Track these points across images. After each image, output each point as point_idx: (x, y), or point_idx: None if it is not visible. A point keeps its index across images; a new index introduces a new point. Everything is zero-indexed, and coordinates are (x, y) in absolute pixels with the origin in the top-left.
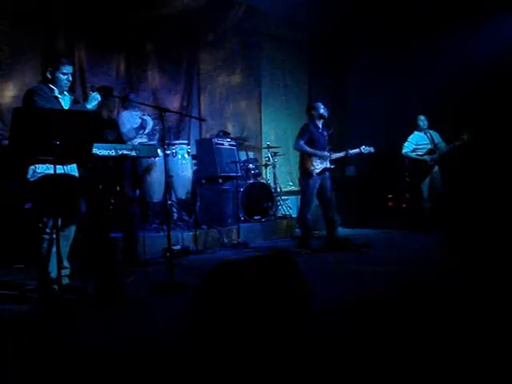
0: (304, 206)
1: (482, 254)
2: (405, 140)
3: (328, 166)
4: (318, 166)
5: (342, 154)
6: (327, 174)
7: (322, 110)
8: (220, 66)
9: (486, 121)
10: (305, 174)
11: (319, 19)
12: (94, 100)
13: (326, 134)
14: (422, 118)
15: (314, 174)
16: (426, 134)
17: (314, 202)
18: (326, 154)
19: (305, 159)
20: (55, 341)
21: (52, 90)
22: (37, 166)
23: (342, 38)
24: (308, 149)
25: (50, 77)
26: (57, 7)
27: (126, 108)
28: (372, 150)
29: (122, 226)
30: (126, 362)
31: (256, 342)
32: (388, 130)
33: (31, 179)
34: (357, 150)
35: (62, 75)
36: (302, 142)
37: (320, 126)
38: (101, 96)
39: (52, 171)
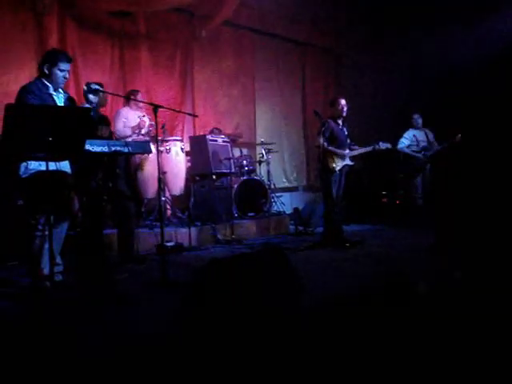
0: (328, 204)
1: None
2: (399, 136)
3: (349, 162)
4: (339, 163)
5: (367, 149)
6: (344, 171)
7: (339, 107)
8: (214, 62)
9: (479, 120)
10: (326, 170)
11: (314, 16)
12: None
13: (345, 130)
14: (416, 116)
15: (336, 171)
16: (421, 131)
17: (334, 197)
18: (345, 152)
19: (326, 156)
20: (49, 339)
21: (47, 86)
22: (29, 162)
23: (337, 35)
24: (329, 148)
25: (46, 72)
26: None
27: (130, 106)
28: (389, 145)
29: (115, 222)
30: (121, 360)
31: (249, 337)
32: (381, 126)
33: (23, 176)
34: (371, 148)
35: (59, 72)
36: (321, 140)
37: (340, 122)
38: (92, 92)
39: (44, 168)
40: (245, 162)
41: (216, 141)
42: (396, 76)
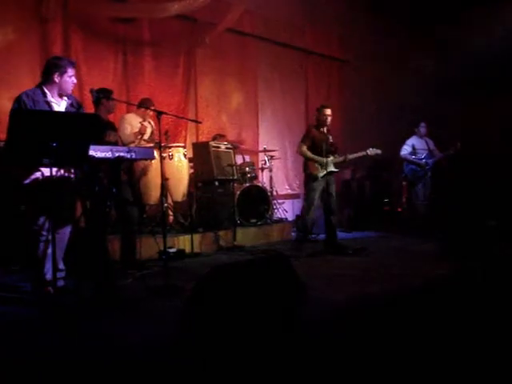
0: (305, 207)
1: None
2: (401, 143)
3: (333, 169)
4: (321, 169)
5: (360, 154)
6: (331, 178)
7: (323, 117)
8: (217, 69)
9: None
10: (309, 177)
11: (317, 23)
12: None
13: (330, 138)
14: (423, 124)
15: (319, 178)
16: (421, 139)
17: (314, 204)
18: (326, 160)
19: (309, 163)
20: (52, 344)
21: (45, 94)
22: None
23: (340, 43)
24: (309, 154)
25: (56, 80)
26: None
27: (136, 113)
28: (379, 151)
29: (119, 228)
30: (124, 365)
31: (251, 344)
32: (384, 133)
33: (26, 181)
34: (362, 153)
35: (68, 78)
36: (304, 148)
37: (324, 130)
38: (101, 98)
39: (48, 173)
40: (247, 168)
41: (219, 147)
42: (399, 83)
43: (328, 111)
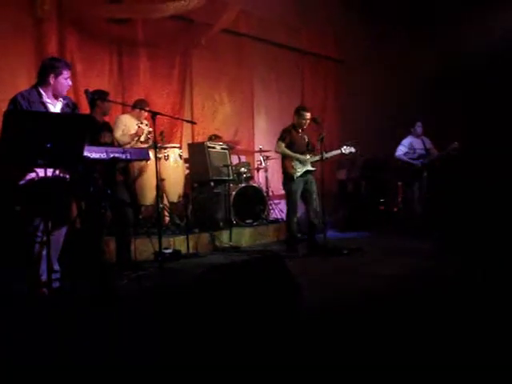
0: (289, 211)
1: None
2: (397, 144)
3: (309, 168)
4: (298, 169)
5: (335, 152)
6: (310, 177)
7: (303, 121)
8: (213, 69)
9: (478, 128)
10: (287, 177)
11: (313, 24)
12: None
13: (306, 138)
14: (419, 124)
15: (295, 178)
16: (418, 139)
17: (299, 205)
18: (306, 157)
19: (286, 163)
20: (47, 346)
21: (41, 95)
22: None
23: (336, 43)
24: (289, 152)
25: (51, 82)
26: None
27: (132, 114)
28: (353, 149)
29: (114, 229)
30: (120, 366)
31: (247, 344)
32: (381, 133)
33: (22, 182)
34: (337, 151)
35: (64, 80)
36: (283, 145)
37: (300, 130)
38: (96, 100)
39: (42, 174)
40: (243, 169)
41: (214, 148)
42: (396, 83)
43: (308, 115)
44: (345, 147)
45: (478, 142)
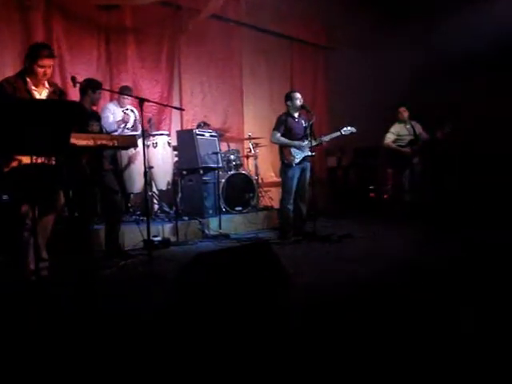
0: (284, 197)
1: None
2: (386, 131)
3: (308, 153)
4: (297, 155)
5: (334, 134)
6: (307, 164)
7: (297, 101)
8: (201, 55)
9: (470, 111)
10: (285, 164)
11: (302, 11)
12: None
13: (303, 122)
14: (401, 109)
15: (294, 164)
16: (407, 125)
17: (293, 193)
18: (304, 143)
19: (284, 150)
20: (33, 333)
21: (26, 82)
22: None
23: (326, 30)
24: (285, 140)
25: (27, 66)
26: None
27: (118, 101)
28: (354, 129)
29: (103, 217)
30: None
31: (235, 331)
32: (369, 120)
33: (6, 169)
34: (336, 133)
35: (38, 68)
36: (278, 135)
37: (296, 115)
38: (88, 89)
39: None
40: (232, 156)
41: (203, 135)
42: (386, 71)
43: (298, 94)
44: (344, 128)
45: (468, 127)
